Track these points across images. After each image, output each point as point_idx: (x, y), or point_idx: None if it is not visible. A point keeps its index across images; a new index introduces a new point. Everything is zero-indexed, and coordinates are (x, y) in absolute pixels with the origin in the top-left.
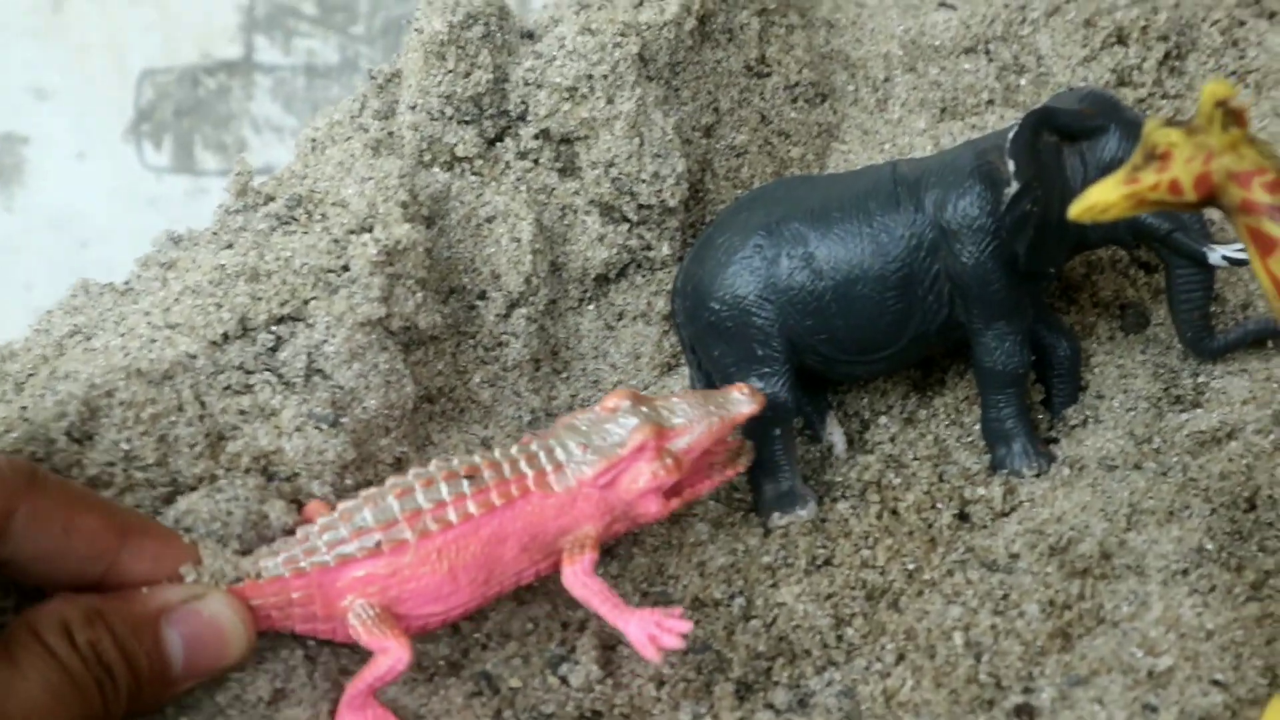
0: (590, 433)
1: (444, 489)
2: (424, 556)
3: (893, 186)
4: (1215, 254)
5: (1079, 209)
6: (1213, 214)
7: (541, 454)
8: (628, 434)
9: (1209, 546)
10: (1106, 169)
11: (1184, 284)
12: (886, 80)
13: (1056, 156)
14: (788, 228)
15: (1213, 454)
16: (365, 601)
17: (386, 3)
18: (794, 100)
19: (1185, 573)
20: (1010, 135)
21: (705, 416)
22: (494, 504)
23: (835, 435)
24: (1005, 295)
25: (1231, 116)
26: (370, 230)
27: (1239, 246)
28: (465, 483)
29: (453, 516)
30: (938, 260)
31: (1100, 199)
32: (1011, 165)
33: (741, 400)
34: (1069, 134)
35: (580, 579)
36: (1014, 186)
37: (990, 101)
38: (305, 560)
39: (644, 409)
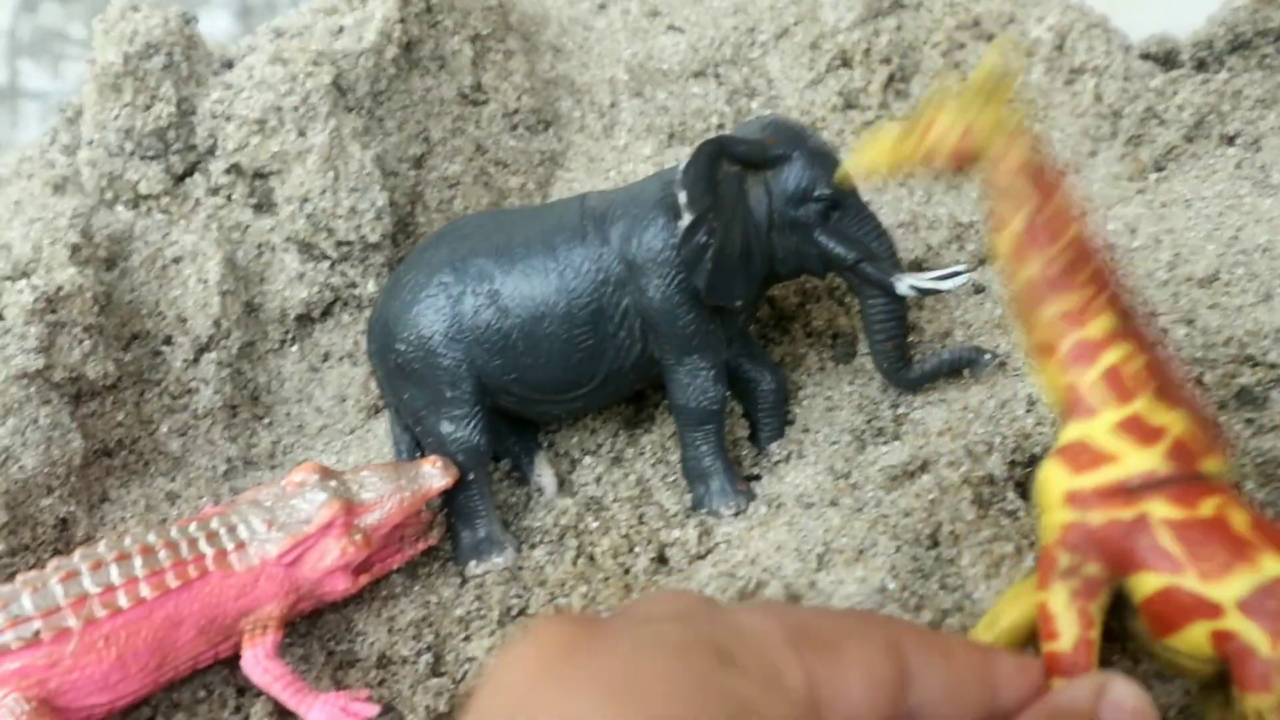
0: (275, 508)
1: (114, 571)
2: (89, 644)
3: (579, 220)
4: (903, 283)
5: (846, 167)
6: (932, 241)
7: (222, 531)
8: (315, 510)
9: (891, 586)
10: (792, 199)
11: (877, 314)
12: (613, 105)
13: (739, 186)
14: (473, 264)
15: (904, 489)
16: (19, 695)
17: None
18: (513, 128)
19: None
20: (682, 166)
21: (396, 491)
22: (169, 586)
23: (545, 477)
24: (695, 329)
25: (1000, 81)
26: (28, 275)
27: (934, 275)
28: (138, 563)
29: (123, 601)
30: (626, 295)
31: (866, 154)
32: (684, 196)
33: (433, 474)
34: (749, 163)
35: (261, 664)
36: (686, 218)
37: (720, 125)
38: None
39: (332, 483)
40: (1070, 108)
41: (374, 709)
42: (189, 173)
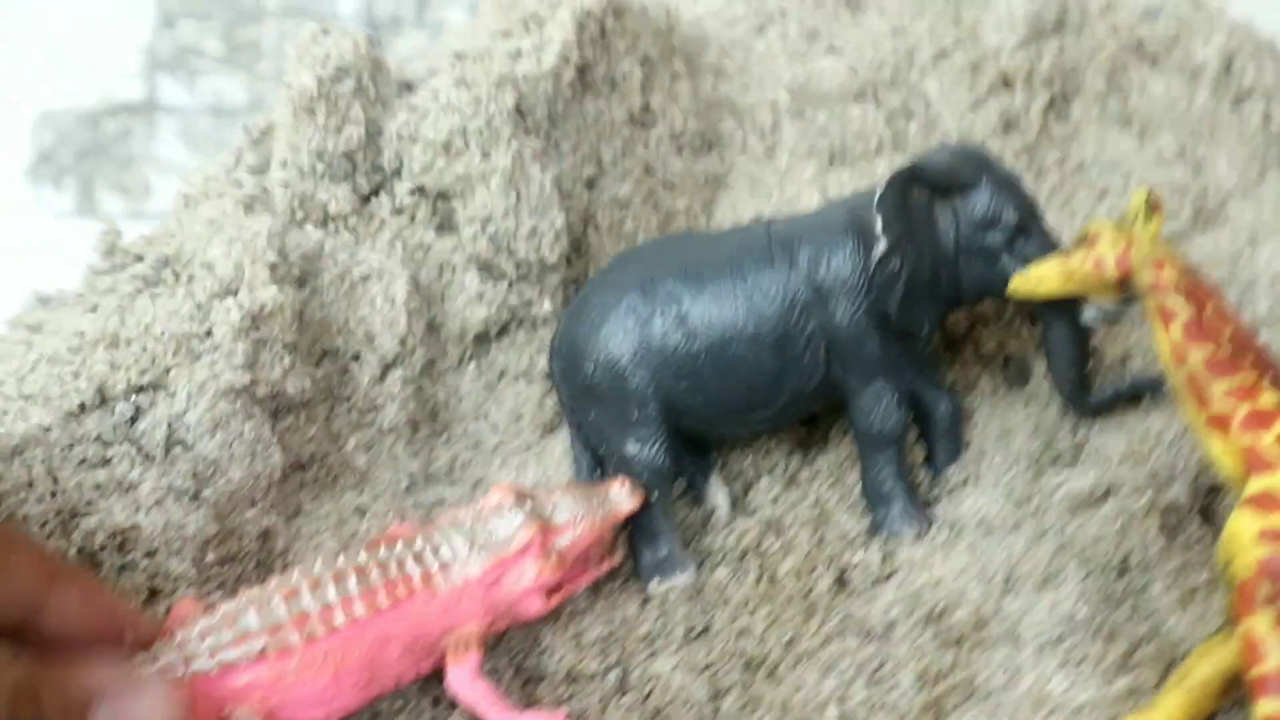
0: (475, 529)
1: (331, 591)
2: (309, 661)
3: (767, 244)
4: (1090, 309)
5: (1016, 284)
6: None
7: (428, 551)
8: (514, 531)
9: (1082, 613)
10: (979, 224)
11: (1060, 339)
12: (774, 127)
13: (928, 212)
14: (662, 287)
15: (1088, 515)
16: (248, 709)
17: (294, 38)
18: (679, 150)
19: (1059, 640)
20: (878, 192)
21: (588, 513)
22: (380, 606)
23: (719, 497)
24: (880, 354)
25: (1151, 208)
26: (235, 294)
27: (1114, 300)
28: (353, 582)
29: (339, 620)
30: (812, 319)
31: (1035, 272)
32: (879, 222)
33: (622, 496)
34: (939, 189)
35: (468, 682)
36: (882, 244)
37: (879, 148)
38: (184, 668)
39: (528, 505)
40: (1238, 131)
41: None
42: (374, 193)
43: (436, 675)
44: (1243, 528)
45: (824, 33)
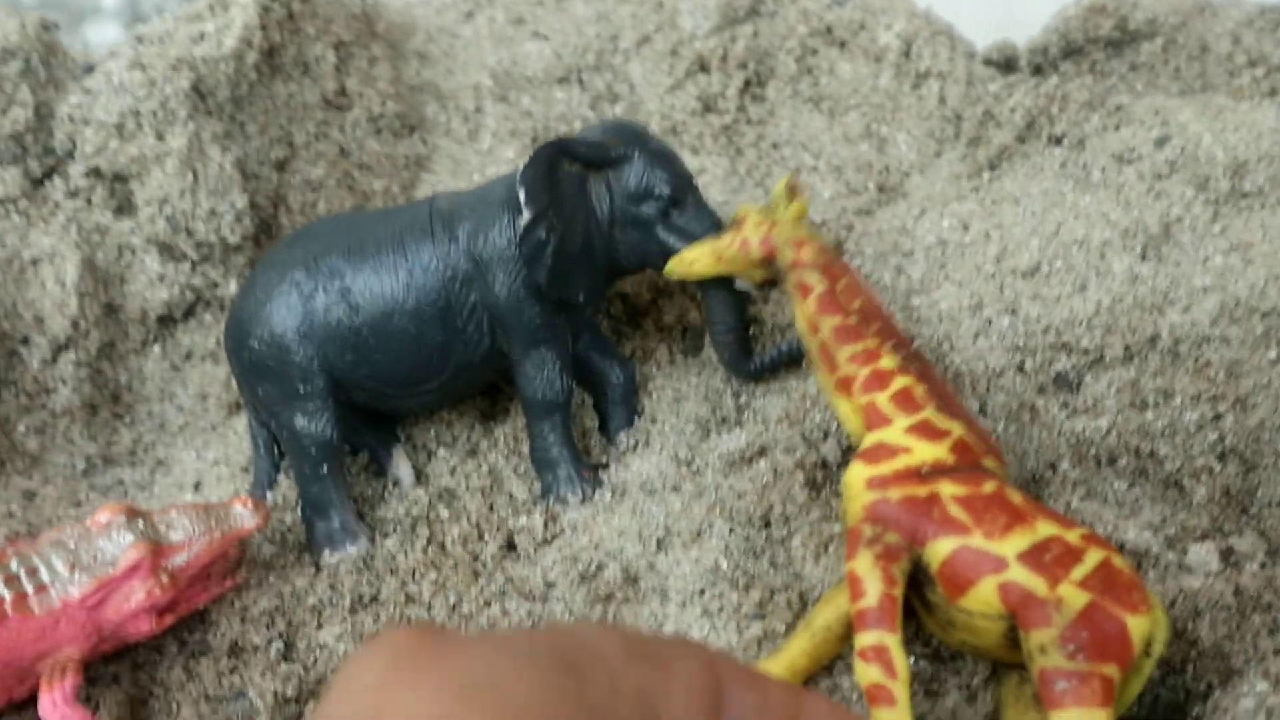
0: (79, 549)
1: None
2: None
3: (429, 220)
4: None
5: (672, 265)
6: None
7: (22, 573)
8: (121, 552)
9: (724, 565)
10: (632, 196)
11: (718, 307)
12: (478, 110)
13: (580, 185)
14: (325, 263)
15: (741, 473)
16: None
17: None
18: (378, 132)
19: (701, 592)
20: (522, 166)
21: (206, 532)
22: None
23: (402, 470)
24: (541, 323)
25: (792, 193)
26: None
27: None
28: None
29: None
30: (474, 291)
31: (688, 255)
32: (522, 194)
33: (244, 514)
34: (590, 163)
35: (59, 709)
36: (526, 215)
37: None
38: None
39: (139, 524)
40: (917, 111)
41: None
42: (48, 176)
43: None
44: (854, 477)
45: (530, 19)
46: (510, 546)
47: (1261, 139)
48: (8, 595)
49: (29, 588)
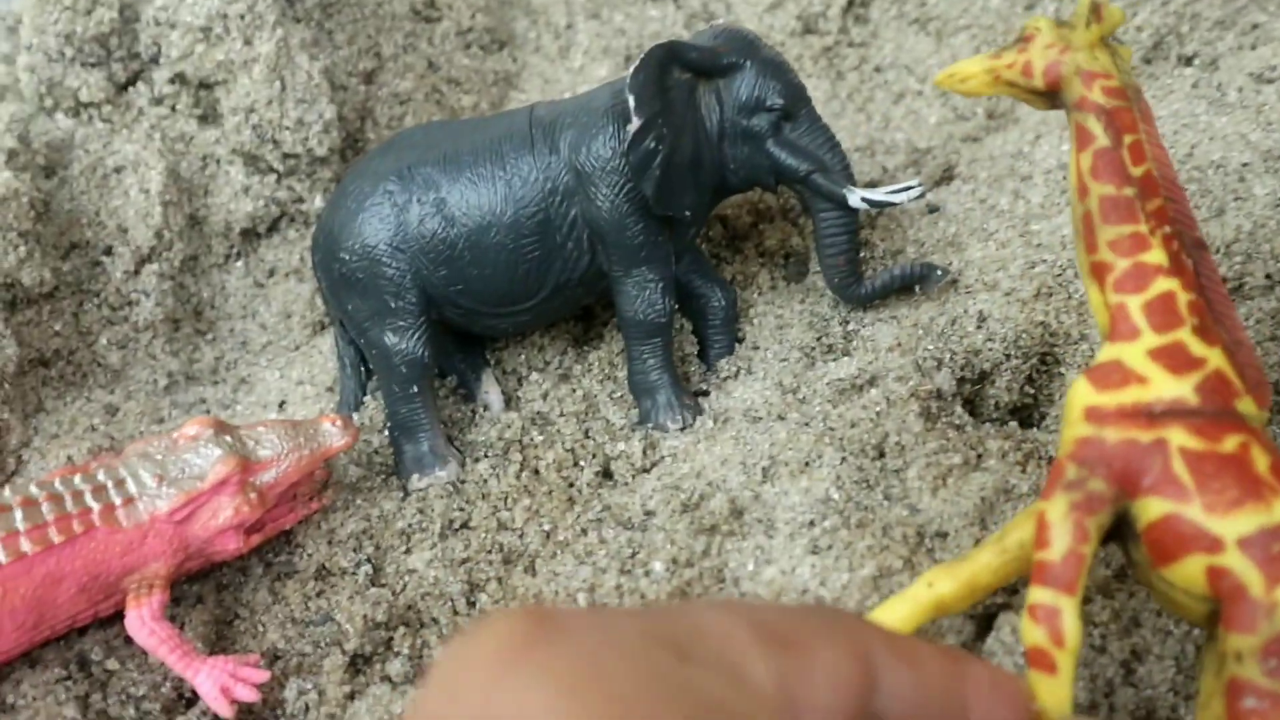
0: (166, 462)
1: None
2: None
3: (528, 129)
4: (854, 195)
5: (943, 75)
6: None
7: (110, 484)
8: (209, 466)
9: (835, 496)
10: (743, 108)
11: (828, 228)
12: (569, 27)
13: (690, 94)
14: (420, 173)
15: (851, 402)
16: None
17: None
18: (467, 46)
19: (810, 525)
20: (631, 71)
21: (294, 449)
22: (52, 541)
23: (491, 394)
24: (644, 241)
25: (1095, 14)
26: None
27: (887, 189)
28: (18, 516)
29: (1, 556)
30: (574, 205)
31: (961, 68)
32: (632, 101)
33: (333, 432)
34: (701, 70)
35: (147, 625)
36: (635, 123)
37: None
38: None
39: (228, 438)
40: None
41: (264, 674)
42: (132, 81)
43: None
44: (1076, 398)
45: None
46: (607, 474)
47: None
48: (95, 506)
49: (116, 499)
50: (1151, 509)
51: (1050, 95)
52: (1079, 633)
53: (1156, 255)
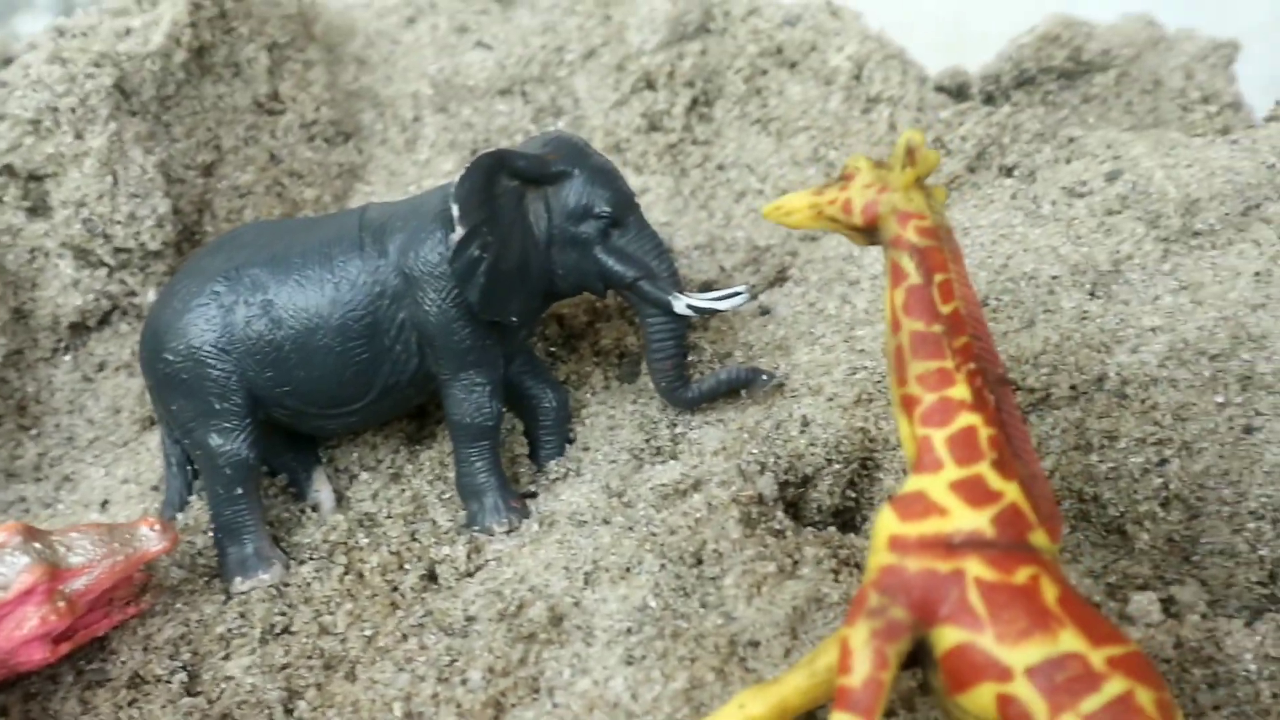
0: None
1: None
2: None
3: (358, 232)
4: (680, 302)
5: (770, 208)
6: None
7: None
8: (14, 575)
9: (653, 604)
10: (571, 215)
11: (655, 333)
12: (416, 120)
13: (518, 201)
14: (248, 274)
15: (674, 507)
16: None
17: None
18: (311, 139)
19: (628, 632)
20: (457, 179)
21: (108, 555)
22: None
23: (322, 493)
24: (472, 344)
25: (910, 157)
26: None
27: (713, 295)
28: None
29: None
30: (403, 308)
31: (786, 202)
32: (456, 209)
33: (151, 537)
34: (529, 178)
35: None
36: (459, 232)
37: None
38: None
39: (36, 545)
40: (866, 135)
41: None
42: None
43: None
44: (881, 527)
45: (474, 27)
46: (432, 577)
47: (1214, 177)
48: None
49: None
50: (947, 638)
51: (868, 231)
52: None
53: (961, 391)
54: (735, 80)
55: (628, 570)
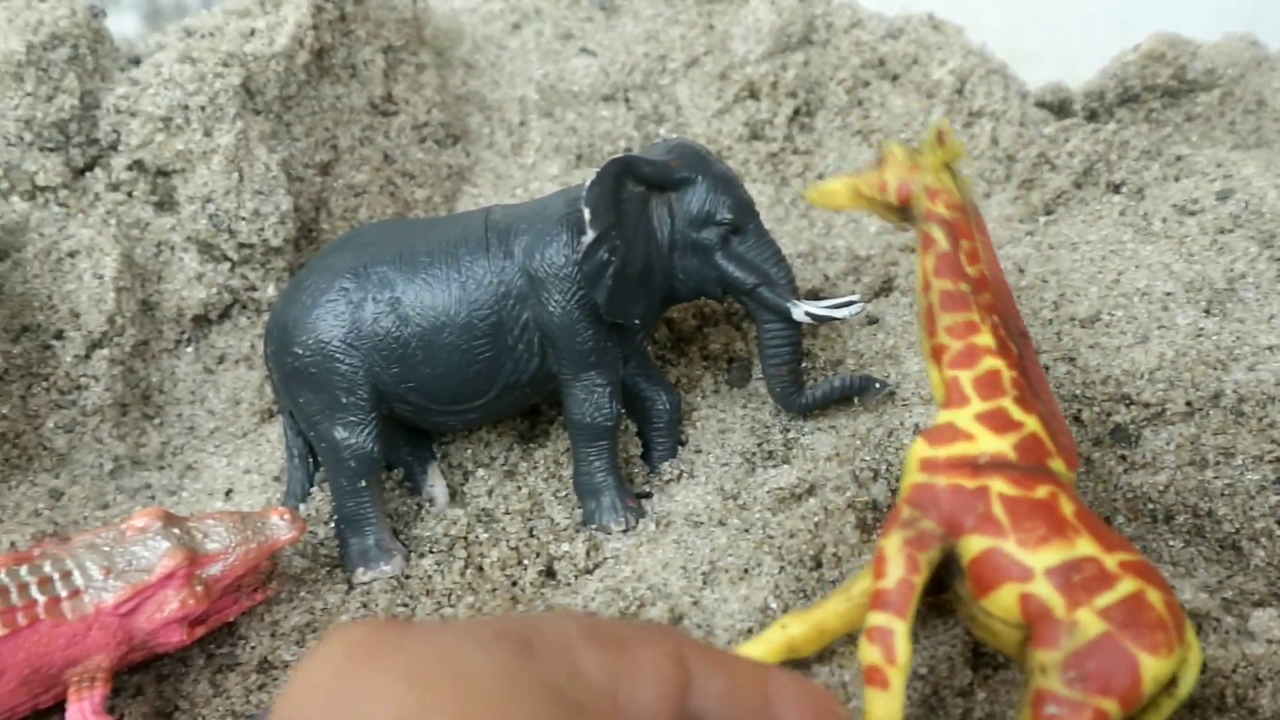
0: (113, 554)
1: None
2: None
3: (484, 233)
4: (799, 310)
5: (811, 192)
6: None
7: (56, 576)
8: (156, 559)
9: (773, 605)
10: (694, 221)
11: (772, 339)
12: (522, 124)
13: (643, 207)
14: (375, 271)
15: (790, 511)
16: None
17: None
18: (422, 140)
19: (749, 633)
20: (588, 184)
21: (242, 542)
22: None
23: (437, 488)
24: (593, 346)
25: (941, 139)
26: None
27: (829, 303)
28: None
29: None
30: (527, 309)
31: (827, 185)
32: (587, 213)
33: (281, 526)
34: (654, 184)
35: (88, 719)
36: (589, 235)
37: (628, 149)
38: None
39: (175, 531)
40: (968, 149)
41: None
42: (89, 167)
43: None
44: (914, 453)
45: (578, 34)
46: (550, 573)
47: None
48: (41, 599)
49: (62, 592)
50: (973, 545)
51: (902, 209)
52: (909, 652)
53: (985, 339)
54: (837, 91)
55: (746, 571)
